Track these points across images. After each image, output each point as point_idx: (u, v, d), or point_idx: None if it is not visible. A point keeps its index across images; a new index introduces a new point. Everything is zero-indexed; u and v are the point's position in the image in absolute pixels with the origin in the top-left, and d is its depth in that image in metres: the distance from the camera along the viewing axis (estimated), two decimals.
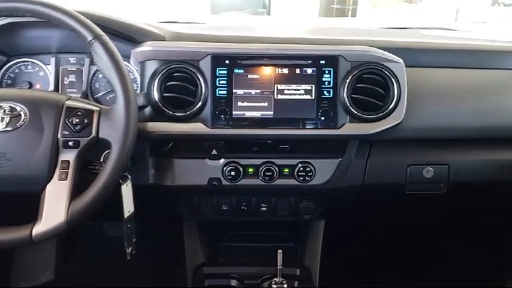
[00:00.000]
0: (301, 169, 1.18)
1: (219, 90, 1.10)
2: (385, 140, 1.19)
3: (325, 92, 1.11)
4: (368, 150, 1.21)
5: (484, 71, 1.27)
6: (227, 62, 1.10)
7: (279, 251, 1.20)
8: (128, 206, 1.07)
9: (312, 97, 1.11)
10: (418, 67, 1.22)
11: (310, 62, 1.11)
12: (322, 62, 1.11)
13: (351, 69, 1.11)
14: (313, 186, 1.19)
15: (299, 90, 1.11)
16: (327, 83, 1.11)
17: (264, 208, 1.28)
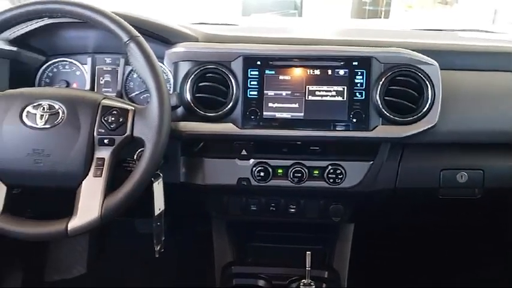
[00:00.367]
0: (331, 171, 1.17)
1: (250, 91, 1.11)
2: (418, 144, 1.16)
3: (357, 94, 1.10)
4: (400, 154, 1.19)
5: None
6: (259, 63, 1.11)
7: (308, 252, 1.20)
8: (159, 203, 1.09)
9: (344, 99, 1.10)
10: (453, 70, 1.19)
11: (342, 63, 1.10)
12: (355, 63, 1.10)
13: (384, 71, 1.10)
14: (343, 188, 1.18)
15: (330, 91, 1.10)
16: (359, 85, 1.10)
17: (293, 209, 1.27)
